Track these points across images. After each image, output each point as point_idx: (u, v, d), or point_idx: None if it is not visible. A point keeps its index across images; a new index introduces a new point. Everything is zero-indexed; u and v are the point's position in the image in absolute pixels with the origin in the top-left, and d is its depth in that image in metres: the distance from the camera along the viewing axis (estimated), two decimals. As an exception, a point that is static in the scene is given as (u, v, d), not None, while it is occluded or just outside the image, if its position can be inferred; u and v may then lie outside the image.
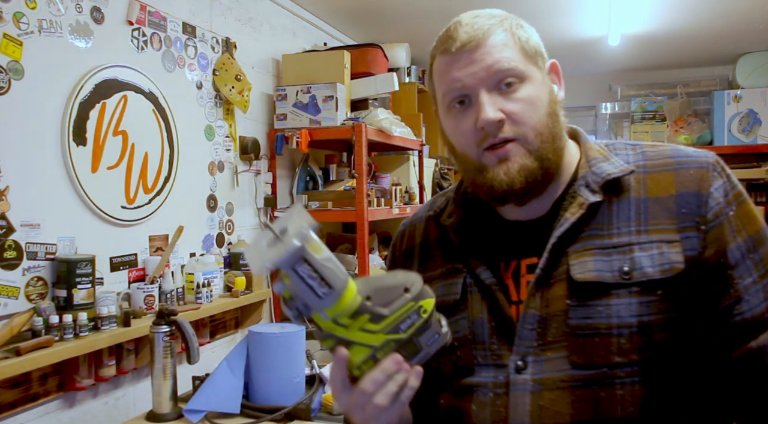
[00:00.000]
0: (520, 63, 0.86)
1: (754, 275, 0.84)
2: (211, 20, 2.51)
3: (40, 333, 1.64)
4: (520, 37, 0.88)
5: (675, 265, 0.82)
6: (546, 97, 0.88)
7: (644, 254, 0.83)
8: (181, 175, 2.29)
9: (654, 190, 0.87)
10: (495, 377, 0.86)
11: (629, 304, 0.81)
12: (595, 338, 0.81)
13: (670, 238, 0.83)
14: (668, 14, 3.45)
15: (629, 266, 0.83)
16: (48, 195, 1.76)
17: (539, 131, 0.86)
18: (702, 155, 0.89)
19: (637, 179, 0.88)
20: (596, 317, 0.82)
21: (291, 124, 2.82)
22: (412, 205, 3.41)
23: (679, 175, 0.87)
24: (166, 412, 1.72)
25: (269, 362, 1.76)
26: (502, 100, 0.86)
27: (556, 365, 0.83)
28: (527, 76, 0.87)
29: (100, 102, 1.93)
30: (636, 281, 0.82)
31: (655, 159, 0.90)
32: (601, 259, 0.84)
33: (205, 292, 2.23)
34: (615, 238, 0.85)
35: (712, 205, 0.84)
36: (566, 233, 0.86)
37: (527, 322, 0.85)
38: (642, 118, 4.81)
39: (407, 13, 3.36)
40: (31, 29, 1.71)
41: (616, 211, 0.87)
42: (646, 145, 0.94)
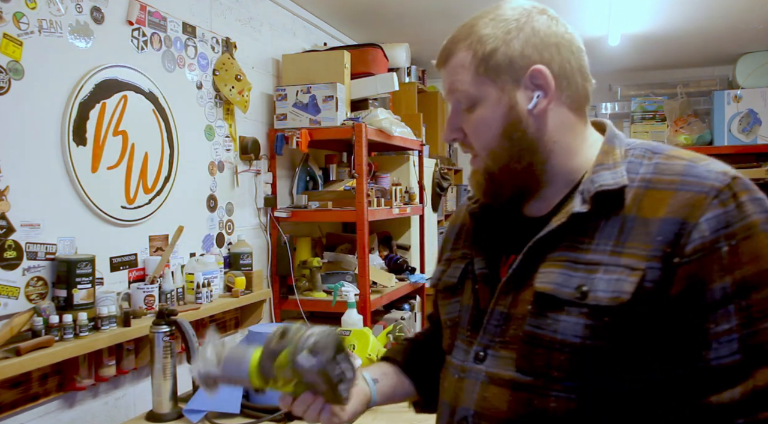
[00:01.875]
0: (470, 86, 0.87)
1: (733, 322, 0.74)
2: (211, 20, 2.51)
3: (40, 333, 1.64)
4: (479, 57, 0.87)
5: (622, 295, 0.78)
6: (500, 117, 0.87)
7: (605, 277, 0.80)
8: (181, 175, 2.29)
9: (646, 209, 0.81)
10: (462, 360, 0.92)
11: (576, 324, 0.80)
12: (539, 349, 0.82)
13: (635, 265, 0.78)
14: (668, 14, 3.45)
15: (588, 287, 0.80)
16: (48, 195, 1.76)
17: (492, 151, 0.89)
18: (713, 178, 0.80)
19: (635, 194, 0.83)
20: (545, 329, 0.82)
21: (291, 124, 2.82)
22: (412, 205, 3.41)
23: (676, 197, 0.80)
24: (166, 412, 1.71)
25: (269, 362, 1.75)
26: (463, 117, 0.91)
27: (506, 363, 0.86)
28: (478, 99, 0.88)
29: (100, 102, 1.93)
30: (587, 303, 0.80)
31: (663, 174, 0.83)
32: (566, 273, 0.83)
33: (205, 292, 2.23)
34: (590, 254, 0.82)
35: (694, 238, 0.76)
36: (545, 238, 0.86)
37: (494, 317, 0.89)
38: (642, 118, 4.82)
39: (407, 13, 3.36)
40: (31, 29, 1.71)
41: (603, 225, 0.83)
42: (665, 156, 0.86)
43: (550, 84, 0.86)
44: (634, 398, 0.79)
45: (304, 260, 2.94)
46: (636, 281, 0.77)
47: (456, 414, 0.90)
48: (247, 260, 2.57)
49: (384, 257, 3.34)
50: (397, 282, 3.17)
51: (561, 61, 0.88)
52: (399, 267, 3.29)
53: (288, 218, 2.86)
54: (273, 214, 2.88)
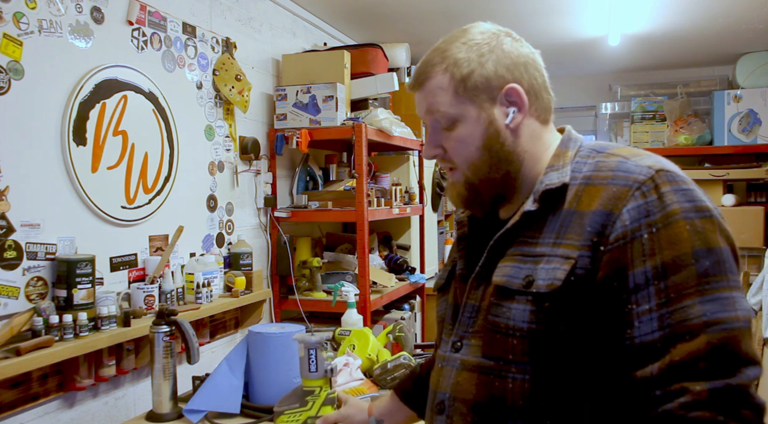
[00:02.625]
0: (450, 107, 0.96)
1: (653, 302, 0.80)
2: (211, 20, 2.51)
3: (40, 333, 1.64)
4: (457, 78, 0.95)
5: (555, 282, 0.86)
6: (480, 133, 0.95)
7: (546, 266, 0.88)
8: (181, 175, 2.29)
9: (582, 204, 0.89)
10: (444, 351, 1.02)
11: (523, 310, 0.89)
12: (497, 335, 0.91)
13: (569, 254, 0.87)
14: (668, 14, 3.45)
15: (533, 276, 0.89)
16: (48, 195, 1.76)
17: (472, 164, 0.97)
18: (638, 172, 0.87)
19: (576, 191, 0.91)
20: (501, 317, 0.91)
21: (291, 124, 2.82)
22: (412, 205, 3.41)
23: (606, 191, 0.87)
24: (166, 412, 1.71)
25: (269, 362, 1.76)
26: (443, 135, 0.99)
27: (474, 351, 0.95)
28: (459, 117, 0.96)
29: (100, 102, 1.93)
30: (531, 291, 0.88)
31: (600, 171, 0.91)
32: (518, 266, 0.92)
33: (205, 292, 2.23)
34: (538, 247, 0.91)
35: (617, 227, 0.84)
36: (503, 236, 0.95)
37: (467, 311, 0.99)
38: (642, 118, 4.81)
39: (407, 13, 3.36)
40: (31, 29, 1.71)
41: (550, 221, 0.92)
42: (606, 154, 0.94)
43: (523, 100, 0.96)
44: (578, 375, 0.87)
45: (304, 260, 2.94)
46: (568, 269, 0.86)
47: (436, 398, 1.00)
48: (247, 260, 2.57)
49: (384, 257, 3.34)
50: (397, 282, 3.17)
51: (529, 79, 0.97)
52: (399, 267, 3.29)
53: (288, 218, 2.86)
54: (273, 214, 2.88)
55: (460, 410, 0.94)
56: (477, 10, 3.29)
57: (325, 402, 1.42)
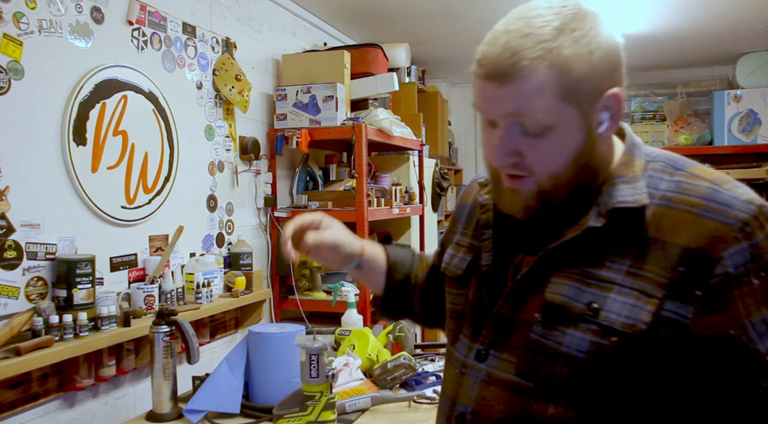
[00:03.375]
0: (549, 113, 0.78)
1: None
2: (211, 20, 2.51)
3: (40, 333, 1.64)
4: (565, 79, 0.77)
5: (638, 323, 0.77)
6: (575, 145, 0.80)
7: (619, 298, 0.78)
8: (181, 175, 2.29)
9: (665, 231, 0.78)
10: (465, 356, 0.92)
11: (582, 339, 0.79)
12: (542, 358, 0.82)
13: (652, 291, 0.77)
14: (668, 14, 3.45)
15: (599, 304, 0.79)
16: (48, 195, 1.76)
17: (555, 177, 0.82)
18: (738, 207, 0.77)
19: (654, 213, 0.80)
20: (550, 340, 0.82)
21: (291, 124, 2.82)
22: (412, 205, 3.41)
23: (698, 224, 0.77)
24: (166, 412, 1.71)
25: (269, 362, 1.75)
26: (523, 139, 0.80)
27: (507, 367, 0.86)
28: (554, 127, 0.79)
29: (100, 102, 1.93)
30: (598, 322, 0.79)
31: (684, 194, 0.80)
32: (578, 287, 0.81)
33: (205, 292, 2.23)
34: (603, 270, 0.80)
35: (718, 273, 0.75)
36: (558, 249, 0.84)
37: (498, 319, 0.88)
38: (642, 118, 4.82)
39: (407, 13, 3.36)
40: (31, 29, 1.71)
41: (618, 242, 0.81)
42: (688, 174, 0.83)
43: (621, 107, 0.82)
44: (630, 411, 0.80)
45: (304, 260, 2.93)
46: (653, 310, 0.76)
47: (455, 409, 0.91)
48: (247, 260, 2.57)
49: (384, 257, 3.33)
50: (397, 282, 3.16)
51: (623, 79, 0.84)
52: (399, 267, 3.28)
53: (288, 218, 2.86)
54: (273, 214, 2.88)
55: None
56: (477, 10, 3.29)
57: (325, 407, 1.41)
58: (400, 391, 1.88)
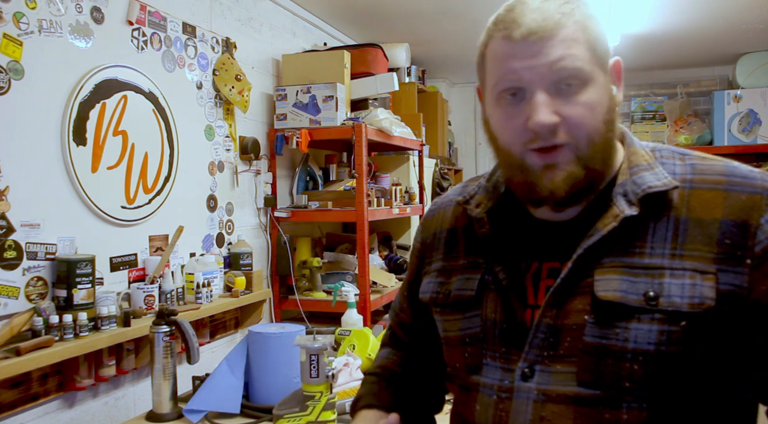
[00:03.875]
0: (586, 63, 0.80)
1: None
2: (211, 20, 2.51)
3: (40, 333, 1.64)
4: (591, 33, 0.81)
5: (706, 300, 0.76)
6: (606, 103, 0.82)
7: (675, 281, 0.78)
8: (181, 175, 2.29)
9: (697, 210, 0.80)
10: (501, 379, 0.86)
11: (649, 331, 0.78)
12: (608, 360, 0.79)
13: (704, 268, 0.77)
14: (668, 14, 3.45)
15: (656, 291, 0.78)
16: (48, 195, 1.76)
17: (593, 139, 0.81)
18: (759, 178, 0.81)
19: (681, 195, 0.82)
20: (613, 339, 0.79)
21: (291, 124, 2.82)
22: (412, 205, 3.41)
23: (729, 198, 0.80)
24: (166, 412, 1.71)
25: (269, 362, 1.75)
26: (561, 101, 0.80)
27: (564, 378, 0.81)
28: (591, 79, 0.81)
29: (100, 102, 1.93)
30: (661, 309, 0.77)
31: (704, 174, 0.83)
32: (628, 279, 0.80)
33: (205, 292, 2.23)
34: (647, 258, 0.80)
35: (761, 239, 0.77)
36: (595, 245, 0.82)
37: (540, 330, 0.83)
38: (642, 118, 4.82)
39: (407, 13, 3.36)
40: (31, 29, 1.71)
41: (652, 228, 0.81)
42: (696, 157, 0.87)
43: (622, 80, 0.87)
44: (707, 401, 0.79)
45: (304, 260, 2.94)
46: (714, 285, 0.77)
47: None
48: (247, 260, 2.57)
49: (384, 257, 3.34)
50: (397, 282, 3.17)
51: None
52: (399, 267, 3.29)
53: (288, 217, 2.86)
54: (273, 214, 2.87)
55: None
56: (477, 10, 3.29)
57: (325, 407, 1.41)
58: (400, 391, 1.88)
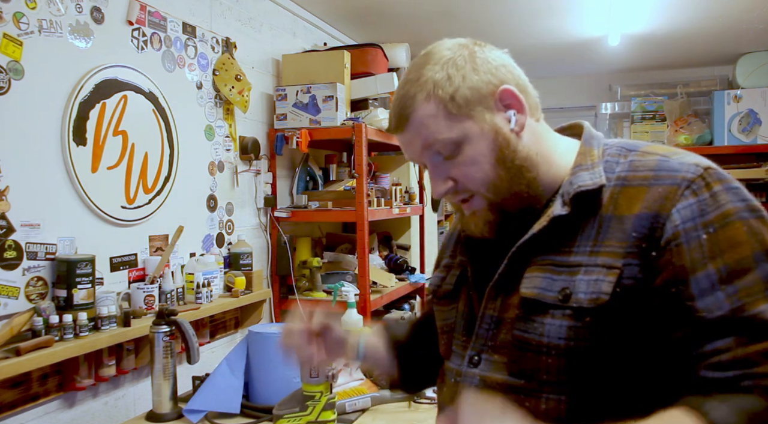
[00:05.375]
0: (448, 131, 0.87)
1: (725, 308, 0.74)
2: (211, 20, 2.51)
3: (40, 333, 1.64)
4: (446, 96, 0.87)
5: (601, 296, 0.80)
6: (489, 147, 0.88)
7: (585, 278, 0.82)
8: (181, 175, 2.29)
9: (622, 207, 0.83)
10: (459, 365, 0.95)
11: (560, 326, 0.82)
12: (528, 353, 0.84)
13: (612, 263, 0.80)
14: (668, 14, 3.45)
15: (570, 289, 0.82)
16: (48, 195, 1.76)
17: (491, 183, 0.88)
18: (686, 169, 0.81)
19: (611, 193, 0.85)
20: (532, 333, 0.84)
21: (291, 124, 2.82)
22: (412, 205, 3.41)
23: (650, 192, 0.81)
24: (166, 412, 1.71)
25: (269, 362, 1.76)
26: (448, 165, 0.90)
27: (499, 367, 0.88)
28: (462, 139, 0.87)
29: (100, 102, 1.93)
30: (570, 306, 0.82)
31: (637, 171, 0.85)
32: (550, 277, 0.85)
33: (205, 292, 2.23)
34: (572, 256, 0.84)
35: (668, 229, 0.78)
36: (527, 243, 0.88)
37: (484, 322, 0.91)
38: (642, 118, 4.81)
39: (407, 13, 3.36)
40: (31, 29, 1.71)
41: (583, 226, 0.85)
42: (640, 153, 0.88)
43: (520, 100, 0.89)
44: (622, 393, 0.81)
45: (304, 260, 2.93)
46: (614, 280, 0.79)
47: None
48: (247, 260, 2.57)
49: (384, 257, 3.34)
50: (397, 282, 3.17)
51: (514, 78, 0.91)
52: (399, 267, 3.29)
53: (288, 217, 2.86)
54: (273, 214, 2.87)
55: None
56: (477, 10, 3.29)
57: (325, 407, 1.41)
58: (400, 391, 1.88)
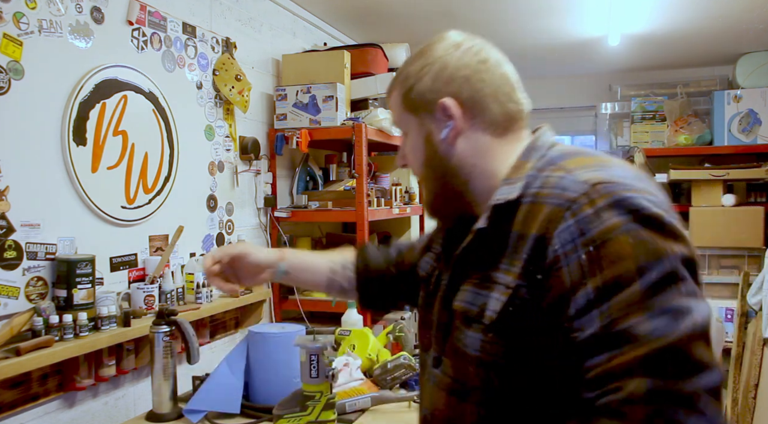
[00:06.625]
0: (398, 119, 1.00)
1: (596, 326, 0.74)
2: (211, 20, 2.51)
3: (40, 333, 1.64)
4: (403, 93, 0.97)
5: (491, 314, 0.85)
6: (421, 147, 0.97)
7: (493, 294, 0.86)
8: (181, 175, 2.29)
9: (526, 226, 0.84)
10: (429, 364, 1.01)
11: (475, 339, 0.88)
12: (461, 361, 0.91)
13: (509, 282, 0.84)
14: (668, 14, 3.45)
15: (486, 304, 0.86)
16: (48, 195, 1.76)
17: (422, 176, 1.00)
18: (573, 188, 0.80)
19: (523, 210, 0.85)
20: (461, 342, 0.91)
21: (291, 124, 2.82)
22: (412, 205, 3.41)
23: (543, 211, 0.82)
24: (166, 412, 1.71)
25: (269, 362, 1.76)
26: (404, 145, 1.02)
27: (447, 370, 0.95)
28: (405, 129, 1.00)
29: (100, 102, 1.93)
30: (482, 321, 0.86)
31: (544, 188, 0.84)
32: (476, 291, 0.89)
33: (205, 292, 2.23)
34: (496, 271, 0.86)
35: (549, 253, 0.79)
36: (463, 256, 0.93)
37: (438, 328, 0.98)
38: (642, 118, 4.81)
39: (407, 13, 3.36)
40: (31, 29, 1.71)
41: (503, 241, 0.86)
42: (556, 167, 0.86)
43: (457, 115, 0.92)
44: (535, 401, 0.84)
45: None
46: (505, 300, 0.84)
47: (421, 410, 1.03)
48: (247, 260, 2.57)
49: (384, 257, 3.33)
50: (397, 282, 3.16)
51: (471, 91, 0.92)
52: (399, 267, 3.28)
53: (288, 217, 2.86)
54: (273, 214, 2.88)
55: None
56: (477, 10, 3.28)
57: (325, 407, 1.41)
58: (400, 391, 1.88)
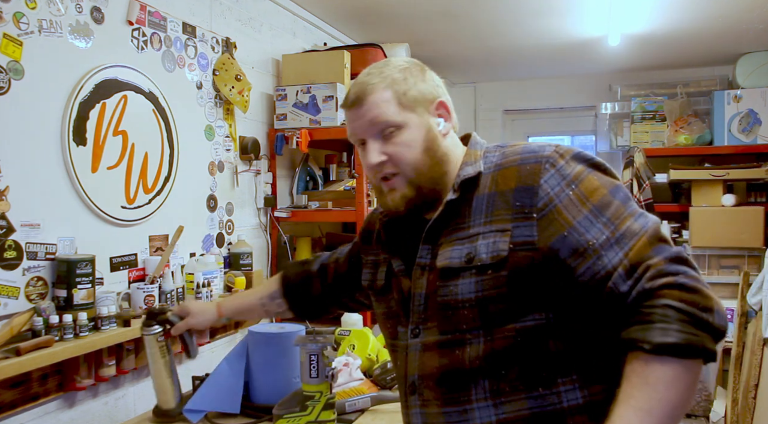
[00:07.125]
0: (396, 115, 1.10)
1: (607, 232, 0.98)
2: (211, 20, 2.51)
3: (40, 333, 1.64)
4: (399, 91, 1.10)
5: (500, 252, 1.02)
6: (422, 137, 1.11)
7: (484, 242, 1.04)
8: (181, 175, 2.29)
9: (501, 185, 1.07)
10: (404, 340, 1.14)
11: (469, 283, 1.04)
12: (448, 312, 1.06)
13: (503, 227, 1.04)
14: (668, 14, 3.45)
15: (473, 253, 1.04)
16: (48, 195, 1.76)
17: (416, 166, 1.10)
18: (542, 150, 1.07)
19: (491, 177, 1.09)
20: (450, 295, 1.06)
21: (291, 124, 2.82)
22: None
23: (520, 170, 1.06)
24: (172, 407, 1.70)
25: (269, 362, 1.76)
26: (384, 144, 1.11)
27: (432, 331, 1.09)
28: (402, 124, 1.10)
29: (100, 102, 1.93)
30: (475, 265, 1.04)
31: (507, 156, 1.10)
32: (457, 248, 1.07)
33: (205, 292, 2.23)
34: (471, 229, 1.07)
35: (541, 196, 1.02)
36: (432, 227, 1.11)
37: (416, 300, 1.12)
38: (642, 118, 4.81)
39: (407, 13, 3.36)
40: (31, 29, 1.71)
41: (474, 205, 1.08)
42: (511, 146, 1.13)
43: (450, 112, 1.16)
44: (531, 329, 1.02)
45: (304, 260, 2.93)
46: (508, 240, 1.02)
47: (407, 381, 1.12)
48: (247, 260, 2.57)
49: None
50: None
51: (446, 96, 1.17)
52: (399, 267, 3.29)
53: (288, 217, 2.86)
54: (273, 214, 2.88)
55: (428, 385, 1.08)
56: (477, 10, 3.28)
57: (325, 407, 1.42)
58: (400, 391, 1.88)
